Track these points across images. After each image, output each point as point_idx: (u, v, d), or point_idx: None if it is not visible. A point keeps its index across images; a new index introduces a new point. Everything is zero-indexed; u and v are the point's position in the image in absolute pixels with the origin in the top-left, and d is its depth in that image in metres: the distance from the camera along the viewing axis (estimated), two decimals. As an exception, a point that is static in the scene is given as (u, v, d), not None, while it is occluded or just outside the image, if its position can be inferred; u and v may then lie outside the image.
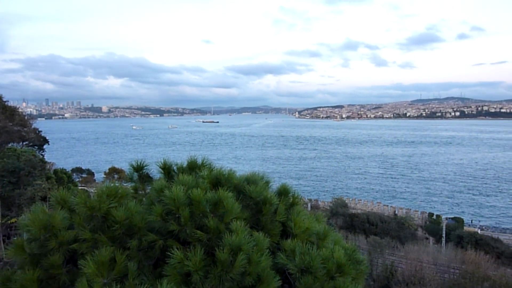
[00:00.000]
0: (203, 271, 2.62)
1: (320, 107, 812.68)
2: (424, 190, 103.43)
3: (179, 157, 4.14)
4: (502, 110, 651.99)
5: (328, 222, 39.62)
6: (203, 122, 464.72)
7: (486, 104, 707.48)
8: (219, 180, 3.35)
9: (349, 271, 2.97)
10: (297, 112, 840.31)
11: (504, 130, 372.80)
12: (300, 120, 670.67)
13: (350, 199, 58.95)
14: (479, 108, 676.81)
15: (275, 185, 3.79)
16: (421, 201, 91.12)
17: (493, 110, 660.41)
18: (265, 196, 3.23)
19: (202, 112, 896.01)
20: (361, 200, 59.17)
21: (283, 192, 3.57)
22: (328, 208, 52.81)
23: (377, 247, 27.22)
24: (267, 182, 3.58)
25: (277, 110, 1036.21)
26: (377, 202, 59.27)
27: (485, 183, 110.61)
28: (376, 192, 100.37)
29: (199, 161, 3.69)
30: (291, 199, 3.58)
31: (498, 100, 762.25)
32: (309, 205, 52.32)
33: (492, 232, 63.14)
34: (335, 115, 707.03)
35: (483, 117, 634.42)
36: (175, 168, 3.72)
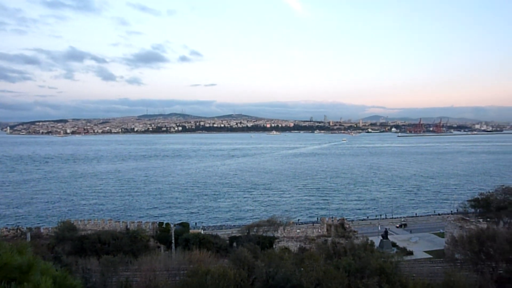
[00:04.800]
0: None
1: (39, 121, 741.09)
2: (156, 201, 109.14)
3: None
4: (215, 125, 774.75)
5: (53, 250, 35.55)
6: None
7: (203, 120, 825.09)
8: None
9: (58, 302, 2.71)
10: (8, 127, 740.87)
11: (218, 142, 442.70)
12: (14, 136, 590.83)
13: (79, 220, 55.14)
14: (197, 124, 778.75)
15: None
16: (153, 212, 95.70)
17: (208, 125, 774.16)
18: None
19: None
20: (91, 220, 56.34)
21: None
22: (53, 234, 47.53)
23: (110, 266, 26.61)
24: None
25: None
26: (109, 220, 58.06)
27: (208, 188, 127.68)
28: (110, 209, 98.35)
29: None
30: (-17, 233, 2.97)
31: (211, 117, 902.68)
32: (28, 235, 45.40)
33: (213, 230, 73.37)
34: (58, 130, 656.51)
35: (201, 131, 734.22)
36: None
